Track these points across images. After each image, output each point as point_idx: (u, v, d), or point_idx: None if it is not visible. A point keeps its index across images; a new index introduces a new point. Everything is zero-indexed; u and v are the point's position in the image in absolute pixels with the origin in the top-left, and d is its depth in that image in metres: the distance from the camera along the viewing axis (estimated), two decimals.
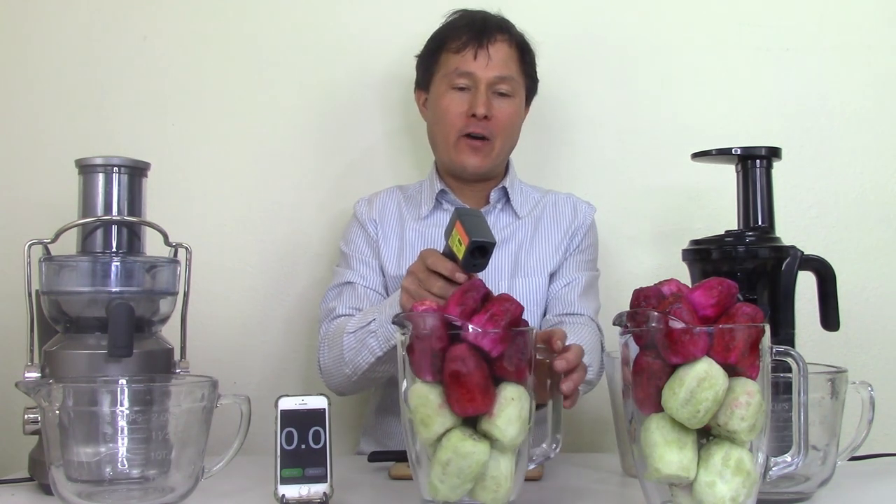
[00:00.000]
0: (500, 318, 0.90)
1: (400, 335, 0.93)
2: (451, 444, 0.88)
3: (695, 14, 1.87)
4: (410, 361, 0.91)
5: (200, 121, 1.87)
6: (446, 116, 1.53)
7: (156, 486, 1.01)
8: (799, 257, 1.17)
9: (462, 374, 0.87)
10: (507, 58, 1.54)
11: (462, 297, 0.92)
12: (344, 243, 1.62)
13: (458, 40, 1.53)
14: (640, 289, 0.92)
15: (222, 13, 1.88)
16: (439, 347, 0.89)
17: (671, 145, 1.81)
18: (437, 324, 0.89)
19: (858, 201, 1.84)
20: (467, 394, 0.87)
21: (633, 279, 1.53)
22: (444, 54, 1.56)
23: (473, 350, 0.88)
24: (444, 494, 0.90)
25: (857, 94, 1.85)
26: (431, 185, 1.61)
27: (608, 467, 1.27)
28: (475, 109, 1.50)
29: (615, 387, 1.22)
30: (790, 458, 0.96)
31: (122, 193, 1.16)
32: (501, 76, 1.52)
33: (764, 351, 0.89)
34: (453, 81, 1.53)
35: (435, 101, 1.57)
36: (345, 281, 1.55)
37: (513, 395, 0.90)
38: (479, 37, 1.52)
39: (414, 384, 0.91)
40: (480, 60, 1.51)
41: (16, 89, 1.88)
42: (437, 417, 0.88)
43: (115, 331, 1.06)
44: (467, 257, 1.06)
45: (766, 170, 1.23)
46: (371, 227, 1.60)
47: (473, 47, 1.52)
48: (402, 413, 0.94)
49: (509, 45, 1.55)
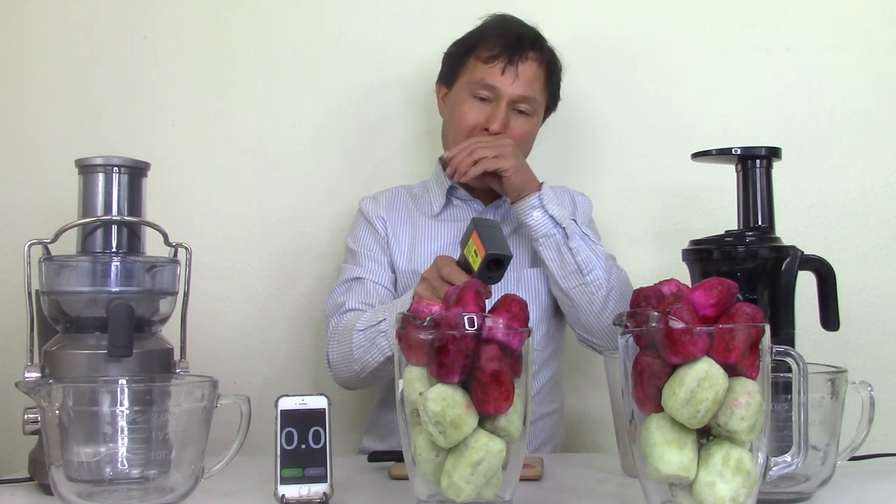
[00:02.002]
0: (522, 317, 0.92)
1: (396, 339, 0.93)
2: (482, 444, 0.89)
3: (695, 14, 1.87)
4: (439, 363, 0.89)
5: (200, 121, 1.87)
6: (461, 123, 1.54)
7: (156, 486, 1.01)
8: (799, 257, 1.17)
9: (500, 373, 0.88)
10: (534, 78, 1.54)
11: (477, 297, 0.93)
12: (351, 240, 1.62)
13: (490, 51, 1.52)
14: (640, 289, 0.92)
15: (222, 13, 1.89)
16: (471, 348, 0.89)
17: (671, 145, 1.81)
18: (469, 324, 0.90)
19: (858, 201, 1.84)
20: (504, 392, 0.89)
21: (633, 279, 1.53)
22: (472, 59, 1.55)
23: (503, 349, 0.90)
24: (467, 494, 0.90)
25: (857, 94, 1.85)
26: (440, 181, 1.61)
27: (608, 467, 1.27)
28: (491, 125, 1.50)
29: (615, 387, 1.22)
30: (790, 458, 0.96)
31: (122, 193, 1.16)
32: (524, 96, 1.53)
33: (764, 351, 0.89)
34: (476, 91, 1.53)
35: (454, 104, 1.57)
36: (354, 276, 1.55)
37: (518, 392, 0.91)
38: (511, 52, 1.51)
39: (434, 388, 0.89)
40: (507, 77, 1.51)
41: (16, 89, 1.88)
42: (467, 418, 0.89)
43: (115, 331, 1.06)
44: (483, 269, 1.08)
45: (766, 170, 1.23)
46: (379, 224, 1.60)
47: (503, 61, 1.51)
48: (398, 415, 0.94)
49: (539, 64, 1.55)
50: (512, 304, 0.93)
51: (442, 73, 1.63)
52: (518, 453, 0.94)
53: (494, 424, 0.90)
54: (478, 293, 0.93)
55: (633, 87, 1.87)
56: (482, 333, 0.89)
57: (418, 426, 0.91)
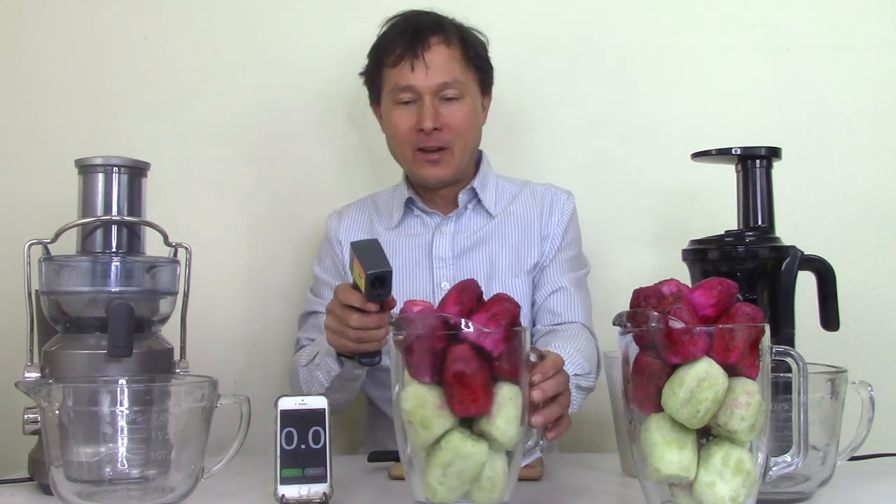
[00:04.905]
0: (502, 318, 0.90)
1: (394, 337, 0.93)
2: (453, 446, 0.88)
3: (695, 14, 1.87)
4: (408, 363, 0.91)
5: (200, 121, 1.87)
6: (397, 133, 1.50)
7: (156, 486, 1.01)
8: (799, 257, 1.17)
9: (466, 374, 0.87)
10: (447, 60, 1.47)
11: (459, 297, 0.92)
12: (317, 264, 1.63)
13: (393, 53, 1.48)
14: (640, 289, 0.92)
15: (222, 13, 1.88)
16: (440, 348, 0.89)
17: (671, 145, 1.81)
18: (436, 324, 0.89)
19: (858, 201, 1.84)
20: (471, 394, 0.87)
21: (633, 279, 1.52)
22: (384, 69, 1.51)
23: (475, 350, 0.88)
24: (442, 496, 0.89)
25: (857, 94, 1.85)
26: (400, 193, 1.58)
27: (608, 467, 1.27)
28: (422, 124, 1.45)
29: (615, 387, 1.22)
30: (790, 458, 0.96)
31: (122, 193, 1.16)
32: (444, 82, 1.46)
33: (764, 351, 0.89)
34: (397, 97, 1.48)
35: (386, 117, 1.53)
36: (310, 311, 1.57)
37: (510, 395, 0.90)
38: (413, 46, 1.46)
39: (409, 386, 0.90)
40: (419, 71, 1.45)
41: (16, 89, 1.88)
42: (436, 419, 0.88)
43: (115, 331, 1.06)
44: (369, 289, 1.11)
45: (766, 170, 1.23)
46: (338, 247, 1.59)
47: (409, 58, 1.46)
48: (396, 415, 0.94)
49: (447, 45, 1.47)
50: (494, 304, 0.91)
51: (369, 94, 1.60)
52: (514, 458, 0.93)
53: (479, 427, 0.89)
54: (461, 292, 0.92)
55: (633, 87, 1.87)
56: (459, 334, 0.88)
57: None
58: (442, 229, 1.55)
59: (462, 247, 1.54)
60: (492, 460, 0.90)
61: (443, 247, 1.53)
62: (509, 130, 1.85)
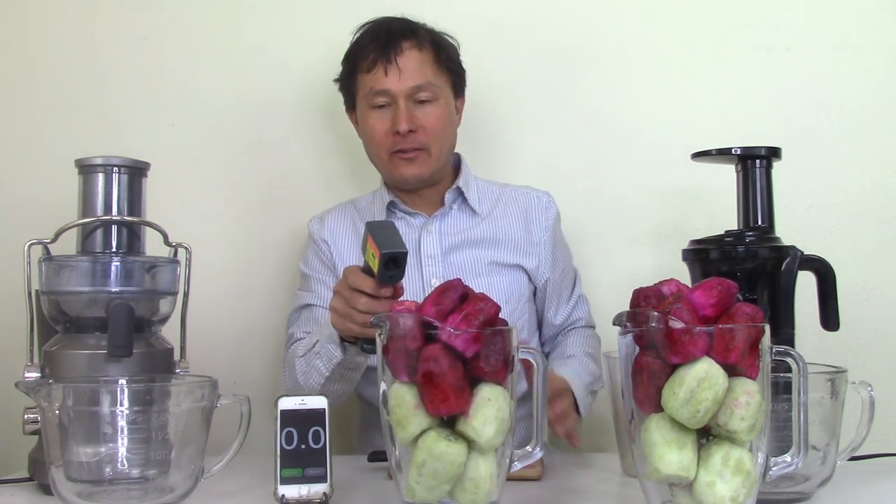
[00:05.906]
0: (475, 318, 0.89)
1: (378, 337, 0.93)
2: (426, 445, 0.88)
3: (695, 14, 1.87)
4: (386, 362, 0.91)
5: (200, 121, 1.87)
6: (373, 137, 1.52)
7: (156, 486, 1.01)
8: (799, 257, 1.17)
9: (435, 374, 0.87)
10: (420, 64, 1.50)
11: (438, 297, 0.91)
12: (303, 263, 1.63)
13: (367, 59, 1.50)
14: (640, 289, 0.92)
15: (222, 13, 1.88)
16: (414, 348, 0.88)
17: (671, 145, 1.81)
18: (412, 324, 0.89)
19: (858, 201, 1.84)
20: (440, 394, 0.87)
21: (633, 279, 1.52)
22: (358, 75, 1.53)
23: (447, 350, 0.87)
24: (421, 496, 0.89)
25: (857, 94, 1.85)
26: (381, 197, 1.60)
27: (608, 467, 1.27)
28: (397, 127, 1.48)
29: (615, 387, 1.22)
30: (790, 458, 0.96)
31: (122, 193, 1.16)
32: (417, 85, 1.49)
33: (764, 351, 0.89)
34: (372, 102, 1.51)
35: (361, 123, 1.56)
36: (304, 304, 1.57)
37: (489, 396, 0.89)
38: (386, 50, 1.49)
39: (393, 385, 0.91)
40: (392, 76, 1.48)
41: (16, 89, 1.88)
42: (412, 418, 0.88)
43: (114, 331, 1.06)
44: (381, 270, 1.08)
45: (765, 170, 1.23)
46: (324, 246, 1.60)
47: (382, 63, 1.48)
48: (382, 414, 0.94)
49: (419, 49, 1.51)
50: (469, 304, 0.90)
51: (344, 101, 1.62)
52: (500, 461, 0.92)
53: (458, 428, 0.89)
54: (441, 293, 0.91)
55: (632, 88, 1.87)
56: (431, 333, 0.88)
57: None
58: (428, 228, 1.57)
59: (450, 244, 1.56)
60: (474, 461, 0.89)
61: (431, 245, 1.55)
62: (509, 131, 1.86)
